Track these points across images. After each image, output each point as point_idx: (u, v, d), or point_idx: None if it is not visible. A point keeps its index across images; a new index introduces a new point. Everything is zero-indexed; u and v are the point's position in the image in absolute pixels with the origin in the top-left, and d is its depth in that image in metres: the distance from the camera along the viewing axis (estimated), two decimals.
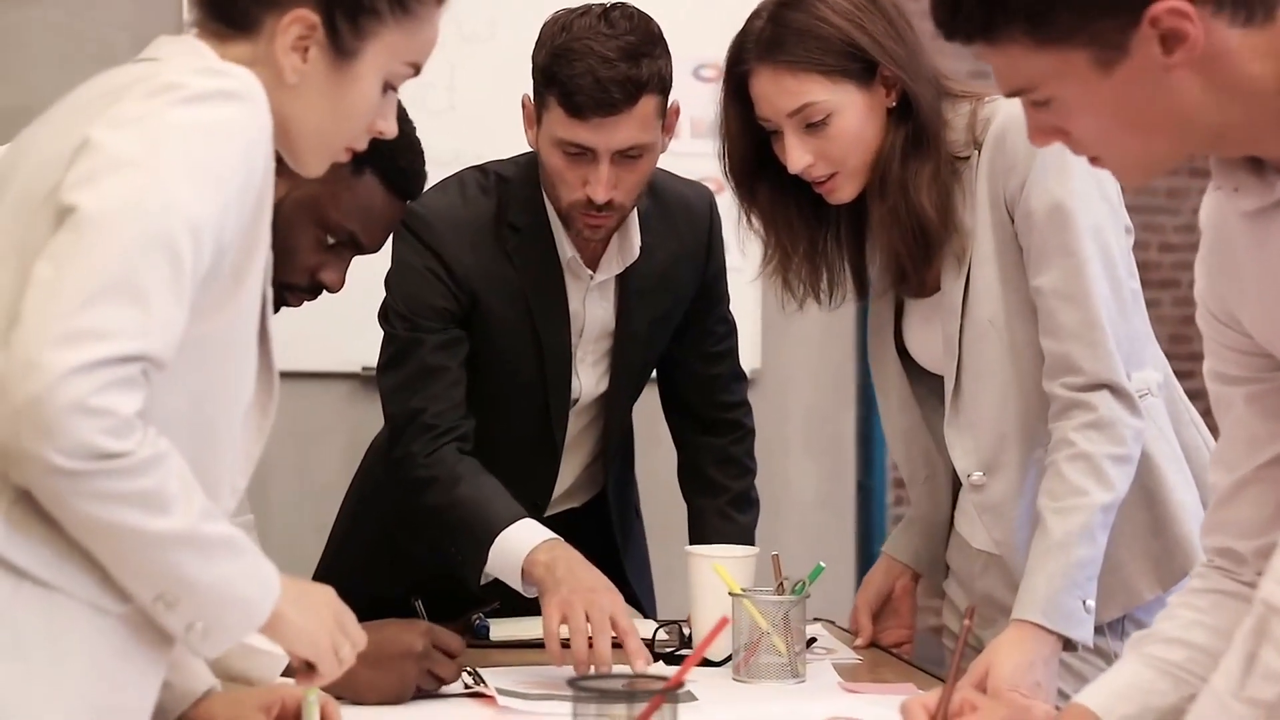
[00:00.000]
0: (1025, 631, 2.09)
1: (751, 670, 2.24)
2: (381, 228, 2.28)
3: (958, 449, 2.31)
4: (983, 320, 2.25)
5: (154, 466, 1.42)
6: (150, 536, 1.44)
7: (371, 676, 2.01)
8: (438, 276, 2.43)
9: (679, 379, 2.71)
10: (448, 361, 2.43)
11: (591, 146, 2.32)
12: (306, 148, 1.63)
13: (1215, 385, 1.73)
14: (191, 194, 1.44)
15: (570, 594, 2.20)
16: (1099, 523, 2.14)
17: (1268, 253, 1.57)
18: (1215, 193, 1.63)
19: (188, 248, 1.43)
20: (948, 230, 2.24)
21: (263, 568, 1.55)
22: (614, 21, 2.33)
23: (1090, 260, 2.18)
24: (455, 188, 2.50)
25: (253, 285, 1.54)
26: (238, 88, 1.50)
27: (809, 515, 4.21)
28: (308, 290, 2.27)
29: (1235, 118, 1.48)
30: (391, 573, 2.58)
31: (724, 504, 2.68)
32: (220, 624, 1.50)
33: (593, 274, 2.51)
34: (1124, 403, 2.17)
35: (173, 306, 1.43)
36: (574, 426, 2.61)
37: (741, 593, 2.26)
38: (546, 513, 2.64)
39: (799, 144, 2.22)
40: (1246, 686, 1.44)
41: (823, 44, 2.19)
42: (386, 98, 1.65)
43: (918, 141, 2.23)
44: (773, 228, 2.34)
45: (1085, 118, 1.51)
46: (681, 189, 2.60)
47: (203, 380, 1.51)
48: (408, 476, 2.42)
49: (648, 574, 2.82)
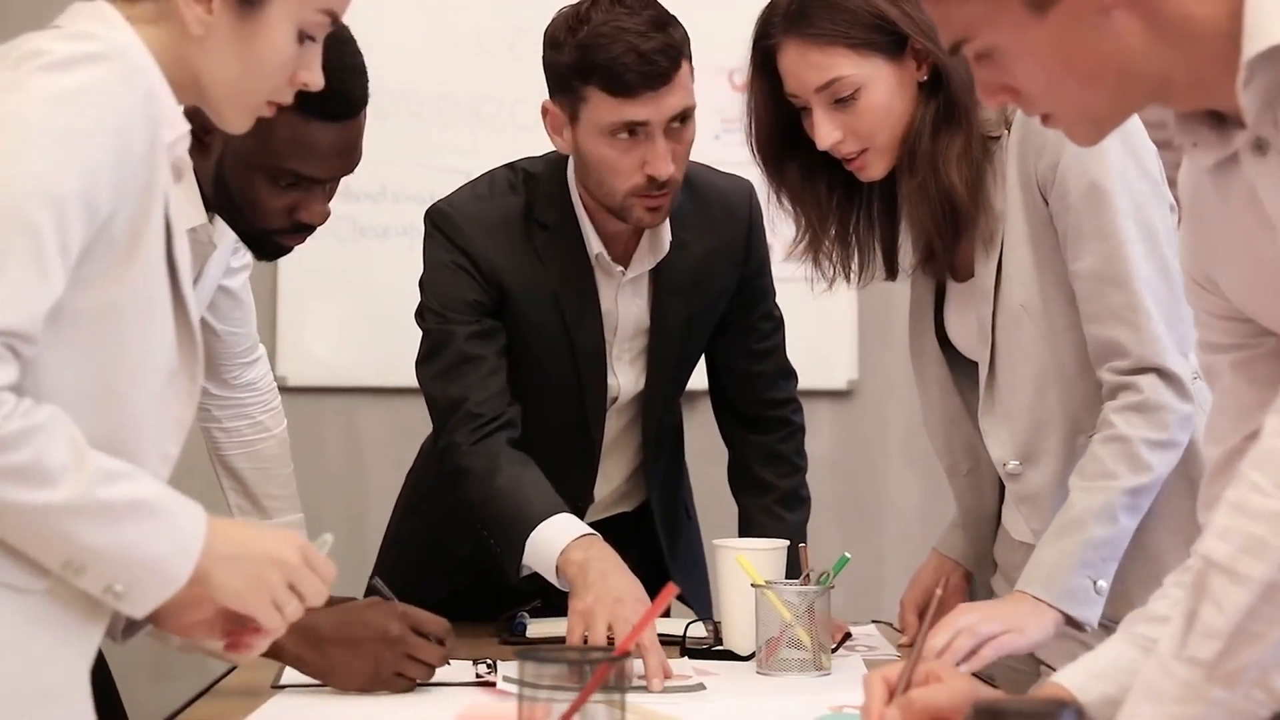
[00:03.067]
0: (1028, 603, 2.07)
1: (774, 663, 2.19)
2: (329, 155, 2.15)
3: (993, 438, 2.26)
4: (1015, 306, 2.20)
5: (27, 439, 1.42)
6: (36, 509, 1.43)
7: (345, 660, 1.99)
8: (465, 270, 2.45)
9: (724, 377, 2.69)
10: (484, 350, 2.44)
11: (645, 120, 2.32)
12: (223, 102, 1.62)
13: (1204, 355, 1.69)
14: (48, 164, 1.43)
15: (595, 603, 2.18)
16: (1122, 505, 2.09)
17: (1231, 209, 1.52)
18: (1189, 158, 1.58)
19: (47, 219, 1.42)
20: (978, 209, 2.19)
21: (181, 527, 1.52)
22: (628, 3, 2.34)
23: (1130, 241, 2.12)
24: (485, 185, 2.52)
25: (152, 251, 1.52)
26: (101, 49, 1.48)
27: (910, 527, 4.14)
28: (292, 231, 2.20)
29: (1180, 64, 1.43)
30: (440, 574, 2.60)
31: (771, 502, 2.65)
32: (138, 585, 1.49)
33: (624, 270, 2.50)
34: (1172, 386, 2.12)
35: (33, 278, 1.41)
36: (615, 426, 2.60)
37: (765, 584, 2.22)
38: (594, 516, 2.63)
39: (827, 120, 2.18)
40: (1187, 645, 1.38)
41: (850, 16, 2.16)
42: (307, 48, 1.63)
43: (949, 116, 2.18)
44: (803, 206, 2.30)
45: (1025, 67, 1.47)
46: (719, 182, 2.58)
47: (105, 351, 1.50)
48: (451, 465, 2.42)
49: (700, 575, 2.79)
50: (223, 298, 2.53)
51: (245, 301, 2.59)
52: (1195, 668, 1.38)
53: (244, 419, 2.66)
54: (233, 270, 2.50)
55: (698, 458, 2.91)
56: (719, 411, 2.72)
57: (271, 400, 2.71)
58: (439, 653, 2.05)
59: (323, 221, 2.20)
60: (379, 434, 4.03)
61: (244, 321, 2.60)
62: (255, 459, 2.67)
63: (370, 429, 4.03)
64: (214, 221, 2.23)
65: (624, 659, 1.54)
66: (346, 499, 3.98)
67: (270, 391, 2.71)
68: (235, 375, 2.64)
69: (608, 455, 2.62)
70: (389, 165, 3.93)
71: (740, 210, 2.58)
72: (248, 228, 2.17)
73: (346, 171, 2.19)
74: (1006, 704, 1.26)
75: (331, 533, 1.69)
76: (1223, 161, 1.49)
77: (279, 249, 2.21)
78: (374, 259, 3.94)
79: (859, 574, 3.80)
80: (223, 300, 2.53)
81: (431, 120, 4.02)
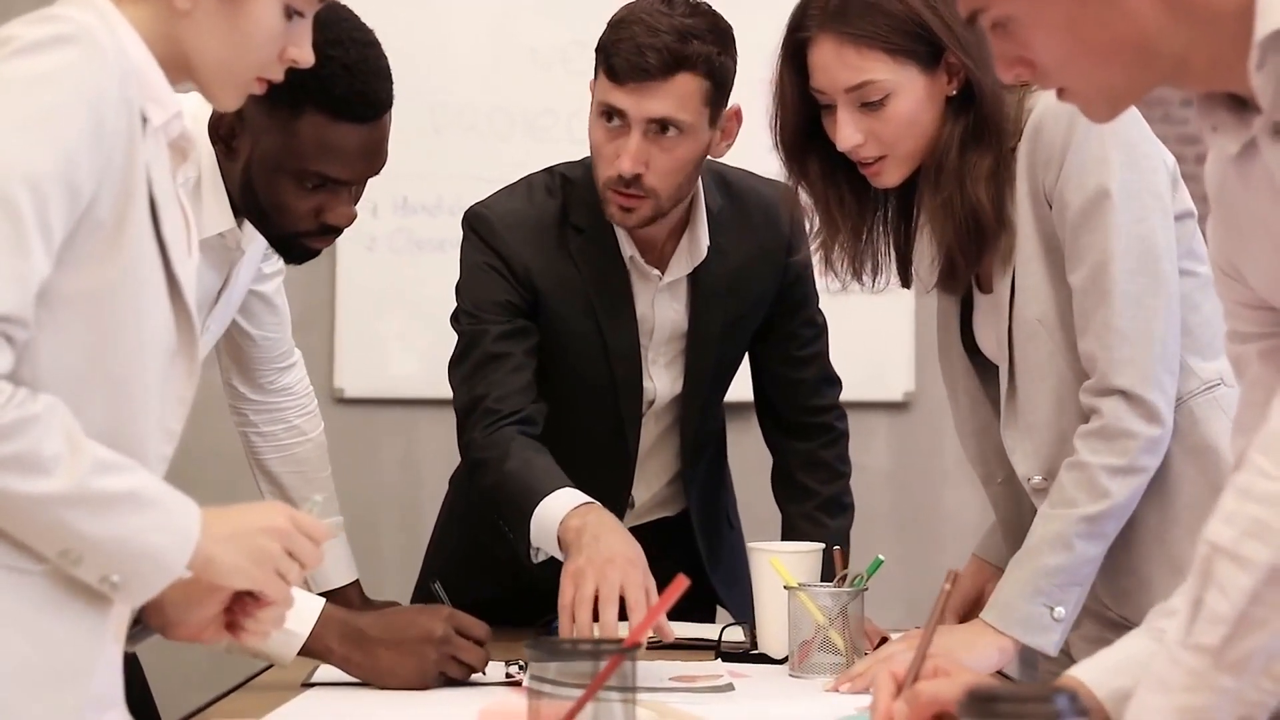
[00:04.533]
0: (978, 630, 2.10)
1: (806, 666, 2.19)
2: (353, 157, 2.17)
3: (1017, 453, 2.23)
4: (1031, 320, 2.17)
5: (24, 429, 1.43)
6: (32, 499, 1.44)
7: (391, 661, 2.02)
8: (498, 272, 2.46)
9: (765, 383, 2.69)
10: (511, 349, 2.44)
11: (624, 110, 2.33)
12: (212, 79, 1.62)
13: (1232, 346, 1.66)
14: (23, 147, 1.44)
15: (586, 564, 2.15)
16: (1078, 532, 2.08)
17: (1252, 194, 1.51)
18: (1211, 145, 1.57)
19: (26, 201, 1.43)
20: (1001, 226, 2.17)
21: (177, 516, 1.54)
22: (675, 5, 2.35)
23: (1116, 258, 2.08)
24: (522, 189, 2.53)
25: (140, 230, 1.53)
26: (70, 31, 1.48)
27: (967, 539, 4.06)
28: (319, 233, 2.22)
29: (1198, 44, 1.42)
30: (482, 578, 2.60)
31: (812, 508, 2.64)
32: (135, 576, 1.50)
33: (660, 274, 2.50)
34: (1137, 410, 2.08)
35: (15, 262, 1.43)
36: (653, 430, 2.60)
37: (797, 586, 2.22)
38: (634, 520, 2.63)
39: (851, 121, 2.15)
40: (1192, 633, 1.36)
41: (891, 20, 2.12)
42: (296, 24, 1.63)
43: (978, 133, 2.15)
44: (822, 203, 2.27)
45: (1040, 39, 1.46)
46: (760, 187, 2.58)
47: (100, 334, 1.51)
48: (468, 460, 2.43)
49: (743, 584, 2.78)
50: (257, 303, 2.55)
51: (279, 307, 2.61)
52: (1202, 655, 1.36)
53: (280, 423, 2.69)
54: (265, 276, 2.53)
55: (748, 469, 2.91)
56: (762, 418, 2.72)
57: (307, 404, 2.74)
58: (481, 655, 2.09)
59: (349, 224, 2.22)
60: (436, 445, 4.04)
61: (279, 327, 2.62)
62: (292, 462, 2.70)
63: (427, 440, 4.05)
64: (243, 227, 2.25)
65: (635, 650, 1.54)
66: (403, 509, 4.01)
67: (306, 395, 2.74)
68: (271, 380, 2.66)
69: (646, 460, 2.62)
70: (445, 179, 3.96)
71: (781, 215, 2.57)
72: (276, 231, 2.20)
73: (371, 173, 2.21)
74: (1000, 690, 1.25)
75: (321, 495, 1.69)
76: (1246, 148, 1.48)
77: (307, 252, 2.23)
78: (430, 272, 3.94)
79: (917, 585, 3.79)
80: (257, 305, 2.56)
81: (487, 133, 4.05)
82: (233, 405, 2.69)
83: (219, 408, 2.68)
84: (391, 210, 4.02)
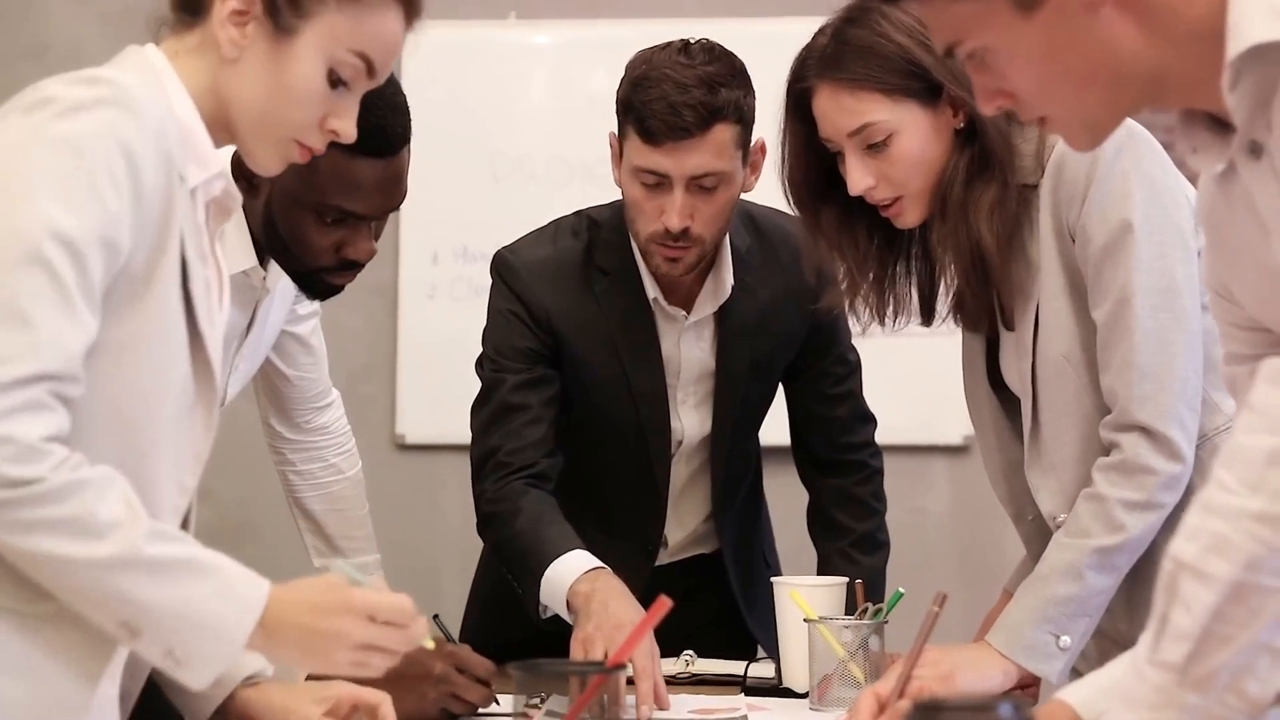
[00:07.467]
0: (984, 651, 2.10)
1: (827, 699, 2.18)
2: (372, 190, 2.19)
3: (1042, 491, 2.22)
4: (1057, 357, 2.16)
5: (74, 492, 1.43)
6: (85, 563, 1.44)
7: (392, 696, 1.99)
8: (519, 318, 2.50)
9: (799, 420, 2.70)
10: (527, 399, 2.47)
11: (666, 173, 2.35)
12: (251, 132, 1.64)
13: (1228, 368, 1.67)
14: (63, 208, 1.46)
15: (594, 630, 2.19)
16: (1090, 563, 2.08)
17: (1235, 213, 1.51)
18: (1193, 166, 1.57)
19: (65, 261, 1.45)
20: (1006, 260, 2.16)
21: (240, 587, 1.51)
22: (693, 53, 2.37)
23: (1137, 294, 2.07)
24: (549, 232, 2.57)
25: (166, 285, 1.54)
26: (110, 94, 1.51)
27: None
28: (340, 269, 2.24)
29: (1173, 64, 1.43)
30: (516, 620, 2.62)
31: (847, 545, 2.64)
32: (195, 649, 1.48)
33: (686, 314, 2.53)
34: (1158, 447, 2.07)
35: (62, 321, 1.45)
36: (684, 470, 2.62)
37: (818, 619, 2.22)
38: (669, 558, 2.65)
39: (860, 165, 2.15)
40: (1158, 649, 1.36)
41: (884, 61, 2.13)
42: (341, 95, 1.65)
43: (982, 166, 2.14)
44: (840, 251, 2.27)
45: (1017, 69, 1.47)
46: (787, 225, 2.57)
47: (120, 384, 1.52)
48: (478, 514, 2.47)
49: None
50: (292, 343, 2.60)
51: (315, 347, 2.65)
52: (1167, 672, 1.36)
53: (317, 461, 2.73)
54: (300, 317, 2.57)
55: (789, 513, 2.91)
56: (797, 455, 2.73)
57: (345, 443, 2.78)
58: (482, 692, 2.10)
59: (369, 259, 2.25)
60: None
61: (315, 367, 2.67)
62: (330, 500, 2.74)
63: None
64: (267, 266, 2.30)
65: (619, 670, 1.56)
66: (463, 555, 4.01)
67: (344, 434, 2.78)
68: (308, 419, 2.71)
69: (679, 500, 2.64)
70: (504, 227, 3.97)
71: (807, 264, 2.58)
72: (298, 266, 2.24)
73: (390, 207, 2.24)
74: (946, 700, 1.26)
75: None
76: (1229, 168, 1.48)
77: (329, 288, 2.27)
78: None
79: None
80: (292, 346, 2.60)
81: (545, 182, 4.10)
82: (271, 444, 2.74)
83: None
84: (452, 259, 4.09)
